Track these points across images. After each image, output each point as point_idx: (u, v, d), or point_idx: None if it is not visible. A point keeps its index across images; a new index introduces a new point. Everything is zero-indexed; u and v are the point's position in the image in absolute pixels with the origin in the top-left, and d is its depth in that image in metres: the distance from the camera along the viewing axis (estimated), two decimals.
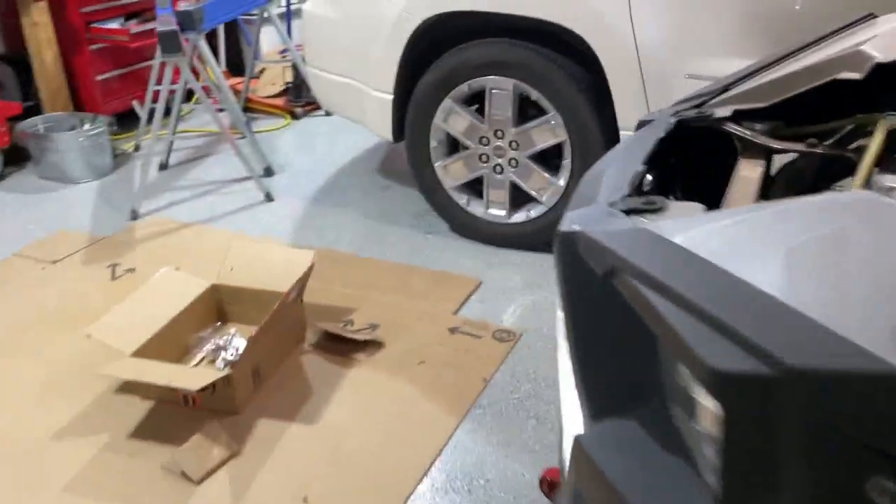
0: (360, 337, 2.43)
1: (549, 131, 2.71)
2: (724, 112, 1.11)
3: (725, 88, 1.19)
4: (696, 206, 0.82)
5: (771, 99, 1.12)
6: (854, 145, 1.16)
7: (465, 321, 2.52)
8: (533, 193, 2.82)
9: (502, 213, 2.90)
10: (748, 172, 1.02)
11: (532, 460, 1.97)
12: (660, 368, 0.72)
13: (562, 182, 2.74)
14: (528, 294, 2.66)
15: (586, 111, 2.61)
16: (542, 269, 2.79)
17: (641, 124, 1.16)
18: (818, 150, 1.06)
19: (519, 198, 2.87)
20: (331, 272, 2.76)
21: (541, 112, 2.71)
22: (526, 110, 2.77)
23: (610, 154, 1.07)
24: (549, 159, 2.78)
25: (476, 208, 2.95)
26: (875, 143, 0.97)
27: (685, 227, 0.72)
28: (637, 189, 0.90)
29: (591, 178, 0.99)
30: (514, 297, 2.65)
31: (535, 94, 2.68)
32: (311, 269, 2.39)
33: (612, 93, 2.55)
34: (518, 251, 2.89)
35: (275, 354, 2.33)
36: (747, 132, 1.09)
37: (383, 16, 2.86)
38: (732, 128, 1.10)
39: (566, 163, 2.71)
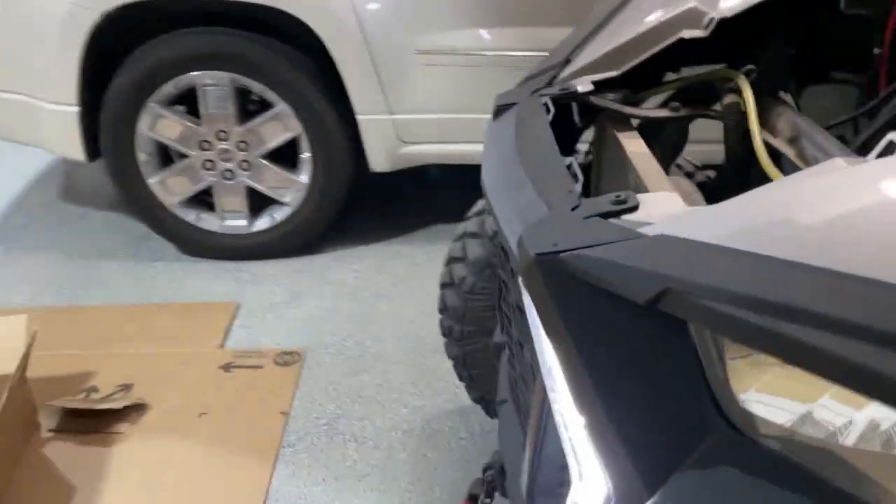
0: (113, 405, 2.00)
1: (280, 125, 2.45)
2: (585, 86, 1.03)
3: (567, 61, 1.11)
4: (671, 197, 0.71)
5: (621, 67, 1.06)
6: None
7: (238, 353, 2.20)
8: (274, 196, 2.56)
9: (242, 222, 2.59)
10: (635, 147, 0.95)
11: (367, 487, 1.78)
12: (709, 393, 0.61)
13: (304, 178, 2.51)
14: (295, 306, 2.41)
15: (318, 99, 2.41)
16: (303, 275, 2.56)
17: (500, 109, 1.03)
18: (683, 114, 1.03)
19: (259, 203, 2.58)
20: (47, 334, 2.19)
21: (267, 106, 2.44)
22: (250, 105, 2.49)
23: (494, 153, 0.92)
24: (288, 156, 2.53)
25: (210, 223, 2.60)
26: (750, 101, 0.95)
27: (706, 226, 0.60)
28: (585, 186, 0.77)
29: (501, 187, 0.83)
30: (282, 313, 2.38)
31: (257, 87, 2.40)
32: (34, 337, 1.89)
33: (343, 76, 2.37)
34: (270, 261, 2.61)
35: (5, 457, 1.81)
36: (614, 104, 1.02)
37: (46, 13, 2.33)
38: (600, 101, 1.02)
39: (305, 157, 2.49)
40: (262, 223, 2.59)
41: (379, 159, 2.50)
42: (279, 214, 2.58)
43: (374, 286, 2.49)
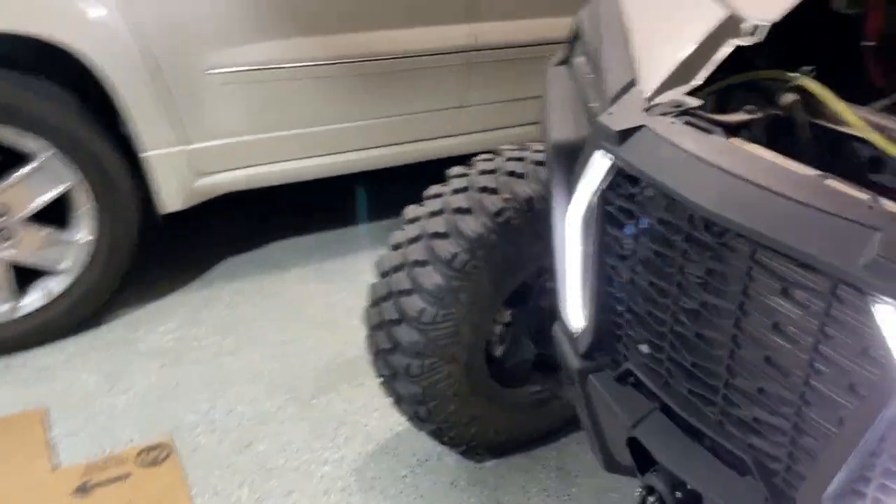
0: None
1: (47, 178, 1.96)
2: (694, 101, 1.06)
3: (631, 83, 1.12)
4: None
5: (690, 79, 1.11)
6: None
7: (87, 468, 1.75)
8: (46, 266, 2.04)
9: (4, 307, 2.02)
10: (755, 149, 1.02)
11: None
12: None
13: (85, 236, 2.05)
14: (119, 391, 1.98)
15: (94, 139, 1.98)
16: (104, 353, 2.10)
17: (625, 133, 0.99)
18: (759, 116, 1.12)
19: (25, 277, 2.04)
20: None
21: (21, 157, 1.93)
22: None
23: (692, 180, 0.90)
24: (53, 213, 2.03)
25: None
26: (834, 99, 1.06)
27: None
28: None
29: (756, 212, 0.84)
30: (108, 404, 1.93)
31: (9, 135, 1.88)
32: None
33: (122, 109, 1.98)
34: (48, 347, 2.08)
35: None
36: (706, 113, 1.07)
37: None
38: (703, 113, 1.06)
39: (84, 210, 2.03)
40: (34, 301, 2.06)
41: (171, 198, 2.17)
42: (56, 285, 2.07)
43: (203, 344, 2.17)
